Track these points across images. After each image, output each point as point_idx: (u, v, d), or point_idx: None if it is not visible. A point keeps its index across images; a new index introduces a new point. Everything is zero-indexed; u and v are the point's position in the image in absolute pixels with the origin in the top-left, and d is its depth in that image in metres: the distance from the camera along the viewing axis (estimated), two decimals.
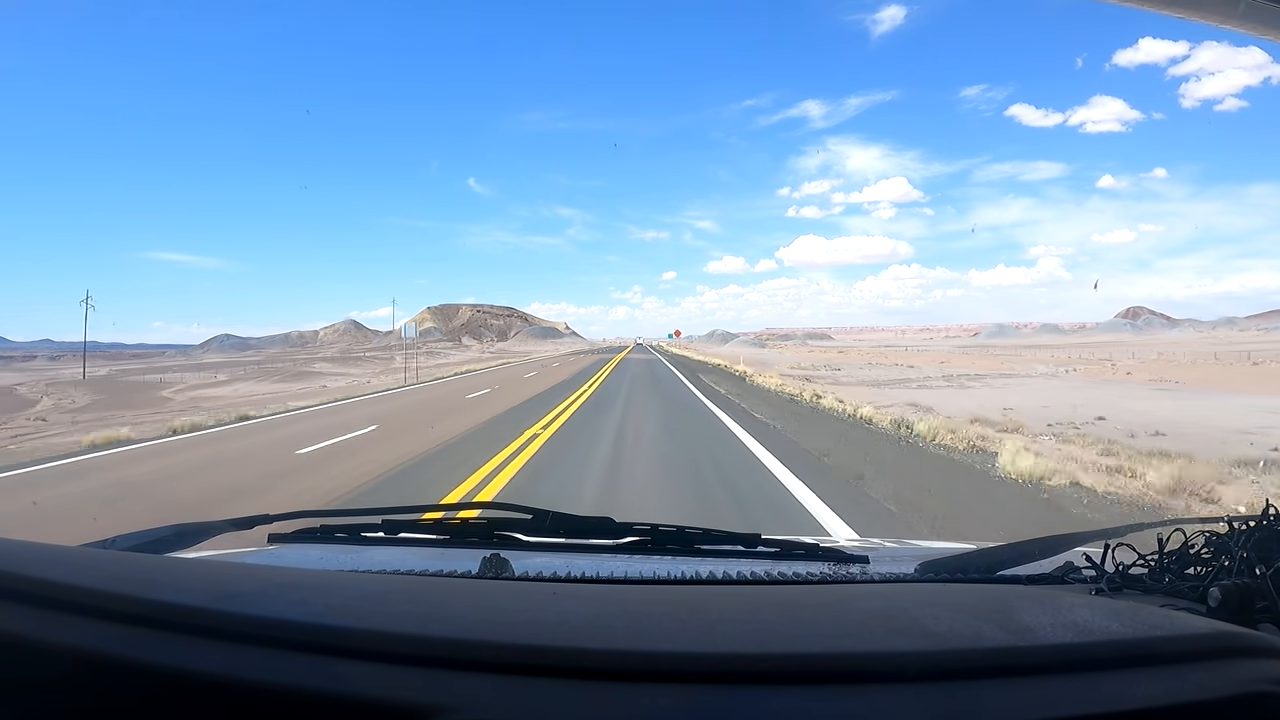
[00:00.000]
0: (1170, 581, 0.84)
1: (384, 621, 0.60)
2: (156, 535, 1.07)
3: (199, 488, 6.82)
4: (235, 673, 0.54)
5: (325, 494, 6.11)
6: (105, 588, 0.63)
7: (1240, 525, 0.82)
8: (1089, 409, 14.68)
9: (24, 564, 0.67)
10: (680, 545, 1.10)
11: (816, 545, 1.10)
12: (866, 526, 4.56)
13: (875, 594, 0.88)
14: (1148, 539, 0.95)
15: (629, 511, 1.88)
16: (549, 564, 1.04)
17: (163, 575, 0.74)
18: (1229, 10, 0.87)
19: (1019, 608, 0.66)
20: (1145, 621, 0.63)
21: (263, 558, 1.20)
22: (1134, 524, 1.09)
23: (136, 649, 0.56)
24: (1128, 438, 9.94)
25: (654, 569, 1.04)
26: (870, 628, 0.63)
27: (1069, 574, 0.96)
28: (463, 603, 0.70)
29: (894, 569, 1.08)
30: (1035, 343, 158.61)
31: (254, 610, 0.60)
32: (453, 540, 1.16)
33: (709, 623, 0.63)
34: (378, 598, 0.69)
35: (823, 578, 1.02)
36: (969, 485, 6.09)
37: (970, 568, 1.01)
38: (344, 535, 1.15)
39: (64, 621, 0.59)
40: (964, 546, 1.16)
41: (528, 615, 0.64)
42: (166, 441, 10.58)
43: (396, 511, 1.17)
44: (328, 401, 18.24)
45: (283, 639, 0.57)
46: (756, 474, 6.54)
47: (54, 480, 7.39)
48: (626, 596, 0.80)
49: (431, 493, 5.84)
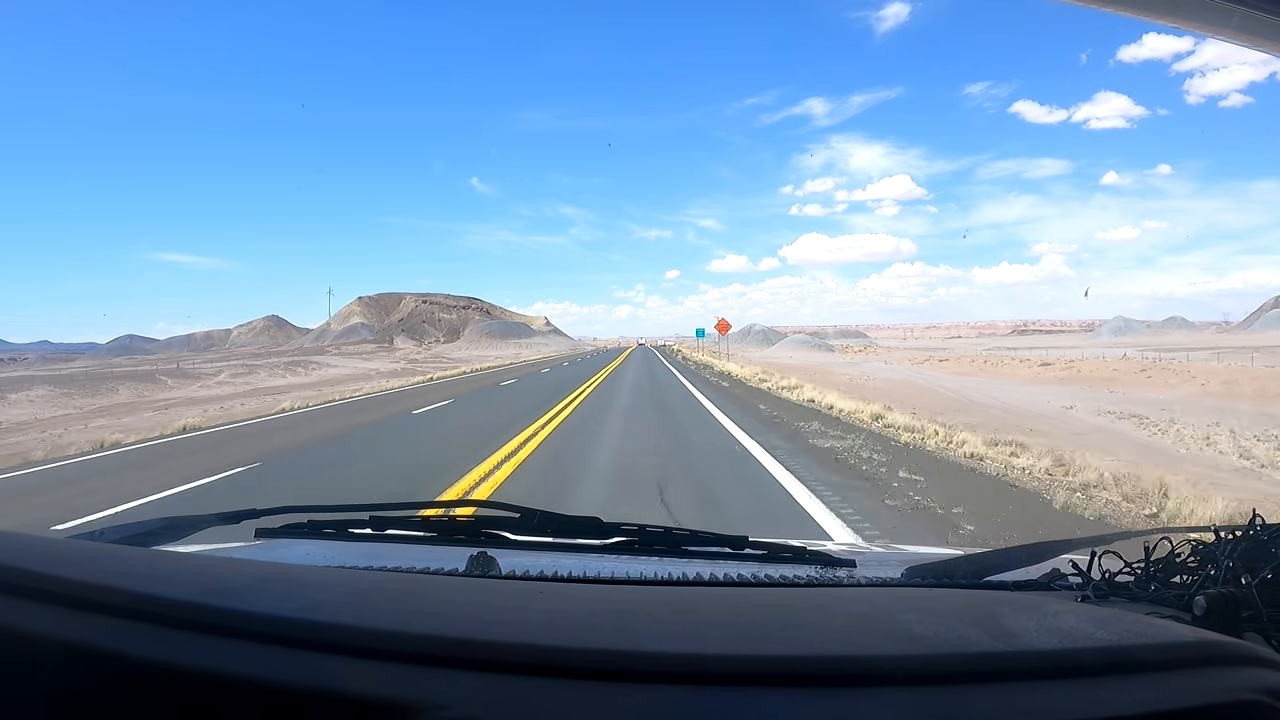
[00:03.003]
0: (1156, 589, 0.84)
1: (370, 618, 0.60)
2: (144, 528, 1.07)
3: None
4: (221, 667, 0.54)
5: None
6: (92, 580, 0.63)
7: (1227, 535, 0.83)
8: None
9: (9, 555, 0.66)
10: (667, 546, 1.10)
11: (804, 548, 1.11)
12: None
13: (861, 598, 0.88)
14: (1134, 547, 0.95)
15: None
16: (536, 563, 1.04)
17: (149, 568, 0.73)
18: (1223, 22, 0.88)
19: (1005, 613, 0.66)
20: (1131, 629, 0.64)
21: (250, 552, 1.20)
22: (1121, 532, 1.10)
23: (122, 642, 0.56)
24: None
25: (641, 569, 1.04)
26: (856, 631, 0.63)
27: (1055, 581, 0.96)
28: (449, 600, 0.70)
29: (881, 573, 1.08)
30: (1169, 343, 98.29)
31: (241, 605, 0.60)
32: (440, 538, 1.16)
33: (695, 624, 0.63)
34: (364, 594, 0.68)
35: (809, 581, 1.02)
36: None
37: (957, 573, 1.01)
38: (331, 531, 1.15)
39: (49, 613, 0.58)
40: (951, 552, 1.17)
41: (514, 614, 0.64)
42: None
43: (384, 508, 1.17)
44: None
45: (269, 634, 0.57)
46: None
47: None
48: (613, 596, 0.80)
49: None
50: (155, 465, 9.00)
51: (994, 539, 4.58)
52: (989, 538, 4.65)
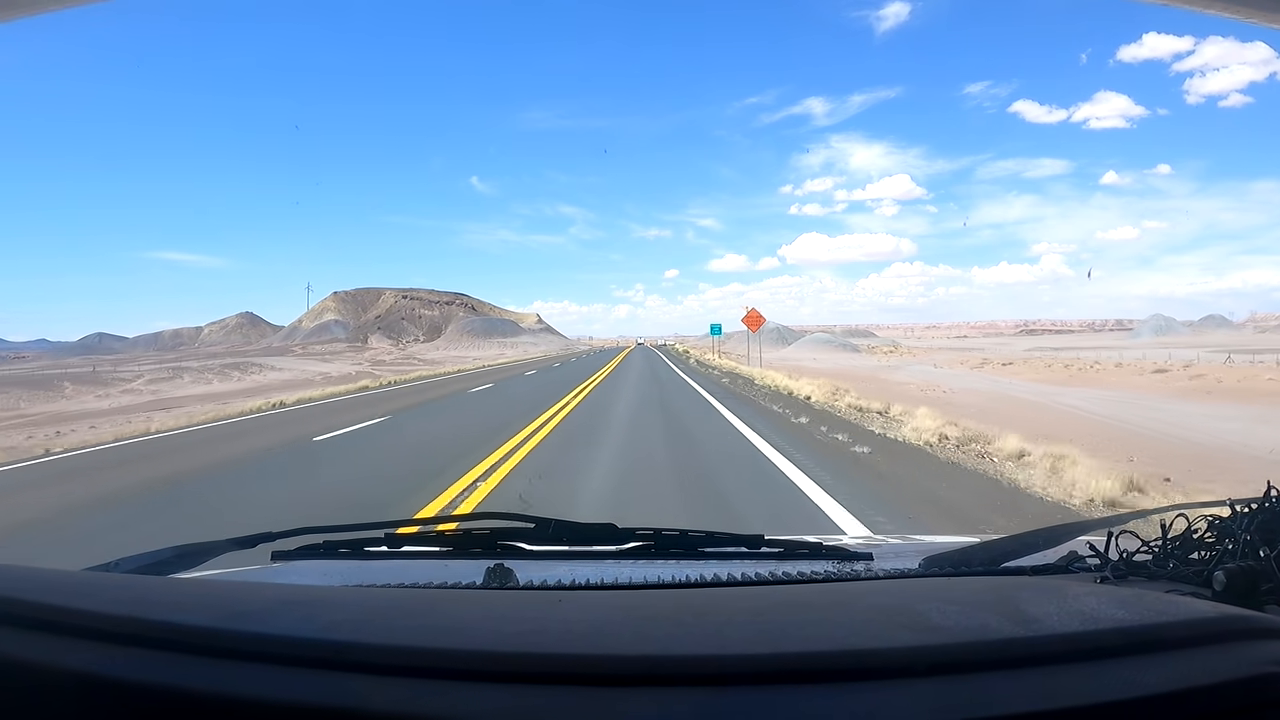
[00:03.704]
0: (1175, 567, 0.84)
1: (390, 635, 0.60)
2: (158, 557, 1.07)
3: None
4: (244, 691, 0.54)
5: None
6: (109, 610, 0.63)
7: (1243, 508, 0.82)
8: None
9: (26, 589, 0.67)
10: (684, 549, 1.09)
11: (820, 544, 1.10)
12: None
13: (880, 590, 0.88)
14: (1151, 526, 0.95)
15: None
16: (553, 572, 1.04)
17: (167, 596, 0.74)
18: None
19: (1024, 599, 0.66)
20: (1151, 608, 0.63)
21: (267, 575, 1.20)
22: (1137, 511, 1.09)
23: (143, 671, 0.56)
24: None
25: (658, 573, 1.04)
26: (876, 624, 0.63)
27: (1073, 563, 0.96)
28: (468, 614, 0.70)
29: (898, 565, 1.07)
30: (1220, 342, 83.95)
31: (260, 628, 0.61)
32: (456, 552, 1.16)
33: (715, 625, 0.63)
34: (383, 612, 0.69)
35: (827, 576, 1.02)
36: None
37: (974, 561, 1.01)
38: (347, 550, 1.15)
39: (68, 646, 0.59)
40: (968, 540, 1.17)
41: (533, 624, 0.64)
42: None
43: (399, 525, 1.17)
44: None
45: (290, 656, 0.57)
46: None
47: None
48: (631, 602, 0.80)
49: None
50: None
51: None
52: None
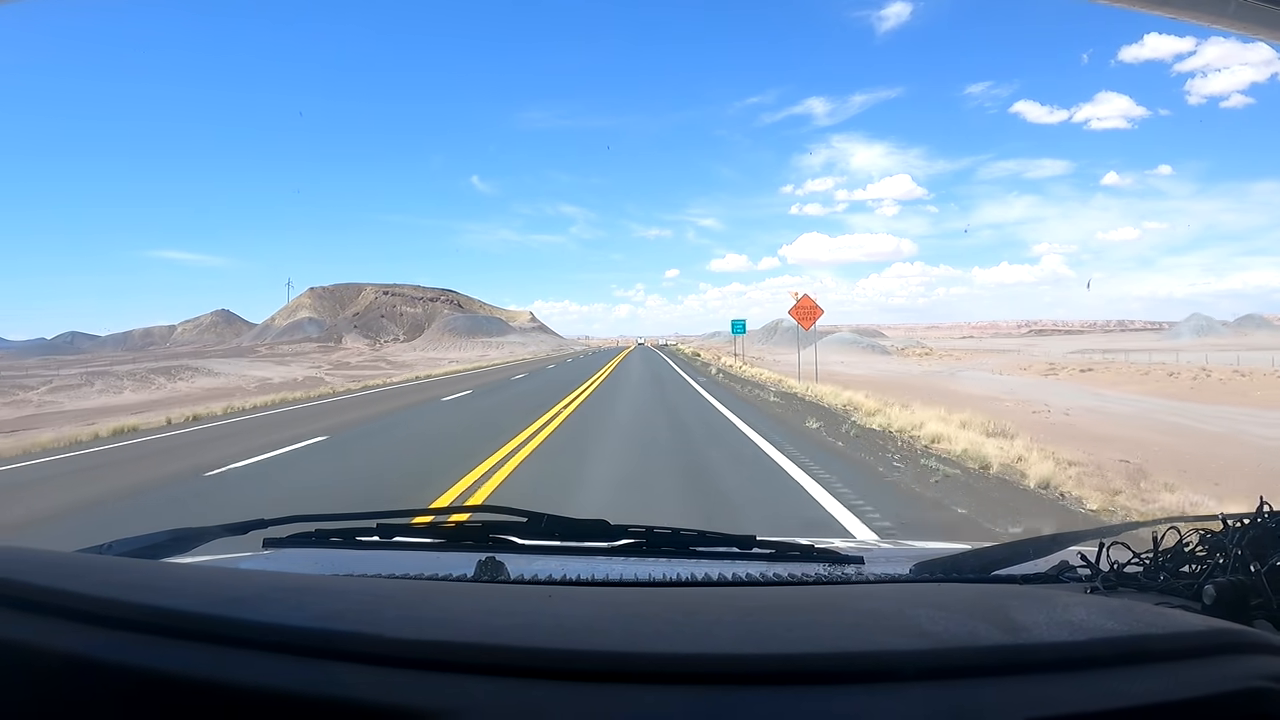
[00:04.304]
0: (1165, 579, 0.84)
1: (380, 625, 0.60)
2: (152, 540, 1.07)
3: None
4: (234, 678, 0.54)
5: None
6: (101, 593, 0.63)
7: (1235, 523, 0.83)
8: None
9: (18, 570, 0.67)
10: (675, 547, 1.09)
11: (811, 546, 1.10)
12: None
13: (870, 594, 0.88)
14: (1142, 537, 0.95)
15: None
16: (544, 567, 1.04)
17: (159, 581, 0.74)
18: (1220, 10, 0.88)
19: (1014, 607, 0.66)
20: (1141, 619, 0.64)
21: (258, 562, 1.20)
22: (1129, 523, 1.09)
23: (131, 654, 0.56)
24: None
25: (649, 571, 1.04)
26: (866, 628, 0.63)
27: (1064, 573, 0.96)
28: (459, 606, 0.70)
29: (889, 569, 1.08)
30: (1253, 342, 76.76)
31: (252, 615, 0.61)
32: (448, 544, 1.16)
33: (705, 624, 0.63)
34: (374, 601, 0.69)
35: (818, 579, 1.02)
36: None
37: (965, 568, 1.01)
38: (339, 539, 1.15)
39: (59, 627, 0.59)
40: (959, 547, 1.17)
41: (524, 618, 0.64)
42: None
43: (391, 515, 1.17)
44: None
45: (281, 643, 0.57)
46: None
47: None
48: (622, 599, 0.80)
49: None
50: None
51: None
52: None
